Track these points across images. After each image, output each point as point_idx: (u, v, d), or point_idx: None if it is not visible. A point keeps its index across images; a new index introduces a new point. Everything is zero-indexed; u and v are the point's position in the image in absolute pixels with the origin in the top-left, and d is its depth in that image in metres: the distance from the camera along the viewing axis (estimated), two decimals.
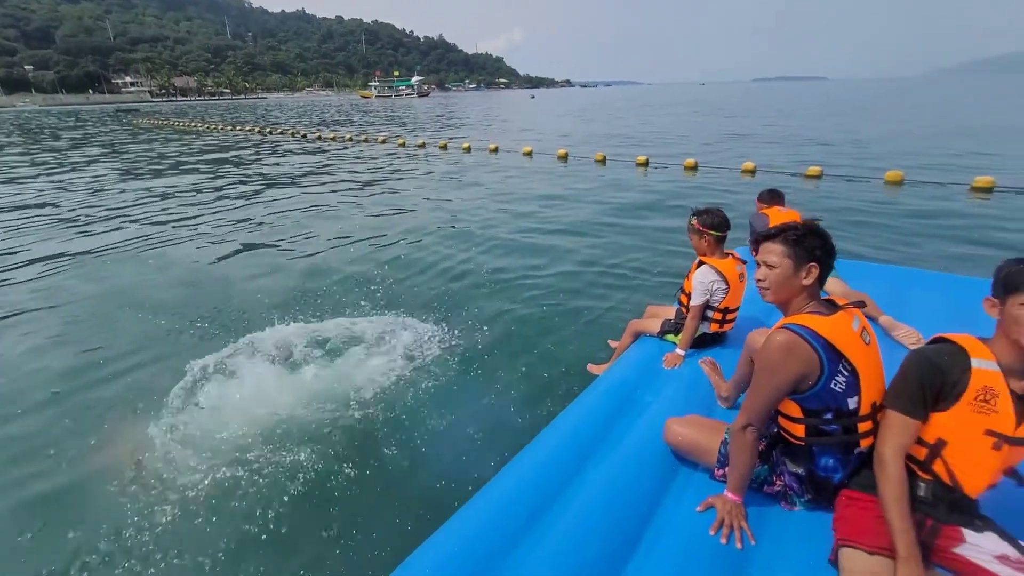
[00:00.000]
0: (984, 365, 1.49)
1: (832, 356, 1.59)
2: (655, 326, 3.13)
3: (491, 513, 1.84)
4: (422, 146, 19.03)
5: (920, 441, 1.59)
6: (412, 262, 6.41)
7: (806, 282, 1.69)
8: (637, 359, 2.97)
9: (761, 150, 15.83)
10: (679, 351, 2.85)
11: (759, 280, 1.78)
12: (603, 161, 14.07)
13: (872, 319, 3.19)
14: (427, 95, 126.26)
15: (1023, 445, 1.49)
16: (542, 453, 2.15)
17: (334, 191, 11.21)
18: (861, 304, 1.69)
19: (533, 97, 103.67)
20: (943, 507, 1.59)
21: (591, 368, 3.50)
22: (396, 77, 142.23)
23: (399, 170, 14.03)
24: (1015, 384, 1.48)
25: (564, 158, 14.89)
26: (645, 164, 13.31)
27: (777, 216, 4.16)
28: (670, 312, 3.18)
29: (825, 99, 55.09)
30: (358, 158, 16.60)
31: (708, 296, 2.76)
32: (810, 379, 1.61)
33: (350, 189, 11.42)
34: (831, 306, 1.70)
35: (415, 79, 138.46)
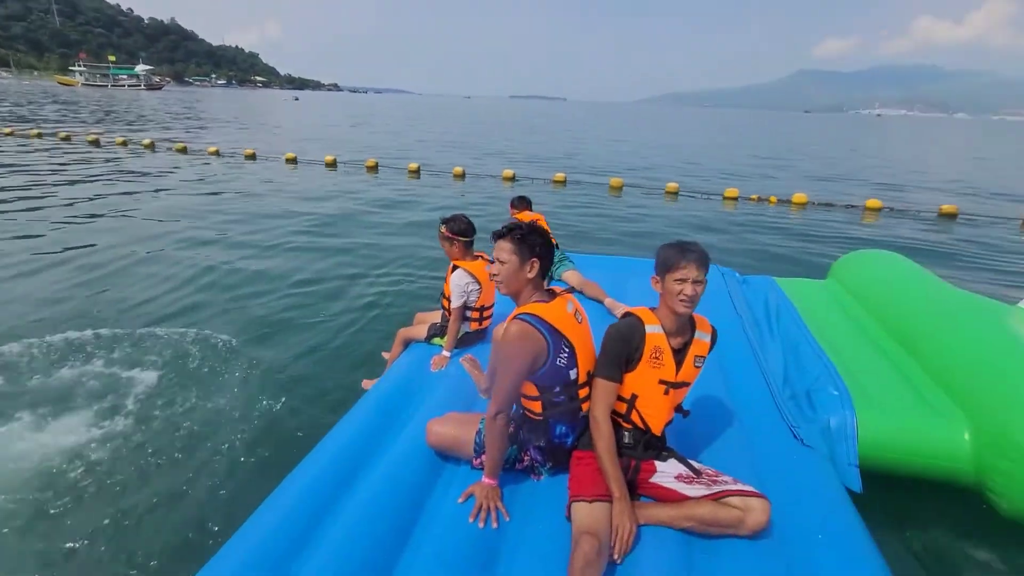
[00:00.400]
0: (653, 330, 1.91)
1: (555, 337, 1.84)
2: (423, 332, 3.20)
3: (263, 535, 1.76)
4: (150, 147, 15.84)
5: (620, 398, 1.95)
6: (142, 280, 5.34)
7: (530, 275, 1.92)
8: (406, 366, 3.00)
9: (519, 159, 17.70)
10: (445, 353, 2.97)
11: (494, 275, 1.96)
12: (375, 168, 13.86)
13: (599, 301, 3.84)
14: (160, 88, 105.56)
15: (681, 387, 1.97)
16: (313, 470, 2.09)
17: (8, 201, 8.51)
18: (571, 289, 2.00)
19: (296, 99, 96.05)
20: (641, 448, 1.99)
21: (366, 384, 3.40)
22: (113, 63, 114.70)
23: (121, 176, 11.41)
24: (673, 341, 1.93)
25: (332, 165, 14.19)
26: (417, 172, 13.57)
27: (526, 219, 4.68)
28: (437, 316, 3.29)
29: (568, 117, 64.54)
30: (60, 164, 12.89)
31: (466, 297, 2.94)
32: (540, 359, 1.84)
33: (36, 198, 8.80)
34: (551, 294, 1.97)
35: (141, 68, 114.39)
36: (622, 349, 1.90)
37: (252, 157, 15.02)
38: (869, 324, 3.64)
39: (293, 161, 14.55)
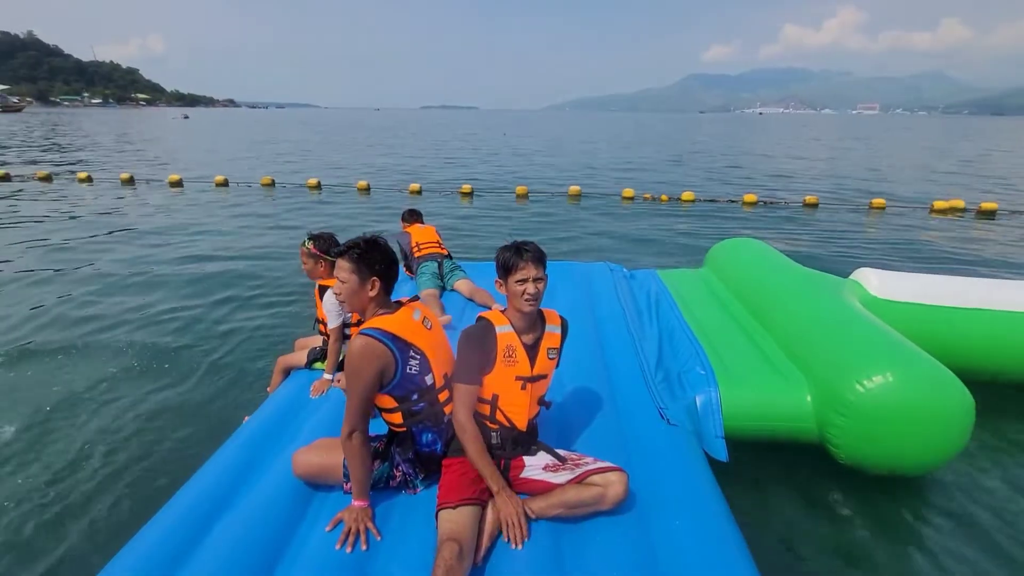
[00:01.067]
0: (504, 330, 1.97)
1: (401, 346, 1.85)
2: (303, 358, 3.08)
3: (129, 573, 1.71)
4: (5, 179, 13.97)
5: (482, 400, 2.00)
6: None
7: (372, 294, 1.91)
8: (285, 395, 2.87)
9: (430, 171, 17.61)
10: (326, 376, 2.88)
11: (336, 293, 1.94)
12: (271, 185, 13.17)
13: (488, 307, 3.89)
14: (19, 110, 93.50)
15: (538, 380, 2.04)
16: (178, 510, 1.98)
17: None
18: (416, 298, 2.03)
19: (187, 117, 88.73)
20: (509, 446, 2.05)
21: (246, 419, 3.21)
22: None
23: None
24: (525, 338, 2.00)
25: (224, 184, 13.30)
26: (318, 187, 13.07)
27: (417, 232, 4.67)
28: (318, 341, 3.18)
29: (474, 126, 65.15)
30: None
31: (343, 316, 2.87)
32: (389, 371, 1.84)
33: None
34: (397, 305, 1.98)
35: None
36: (475, 353, 1.95)
37: (130, 181, 13.72)
38: (734, 305, 3.99)
39: (178, 184, 13.47)
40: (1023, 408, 3.43)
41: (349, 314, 2.91)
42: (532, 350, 2.00)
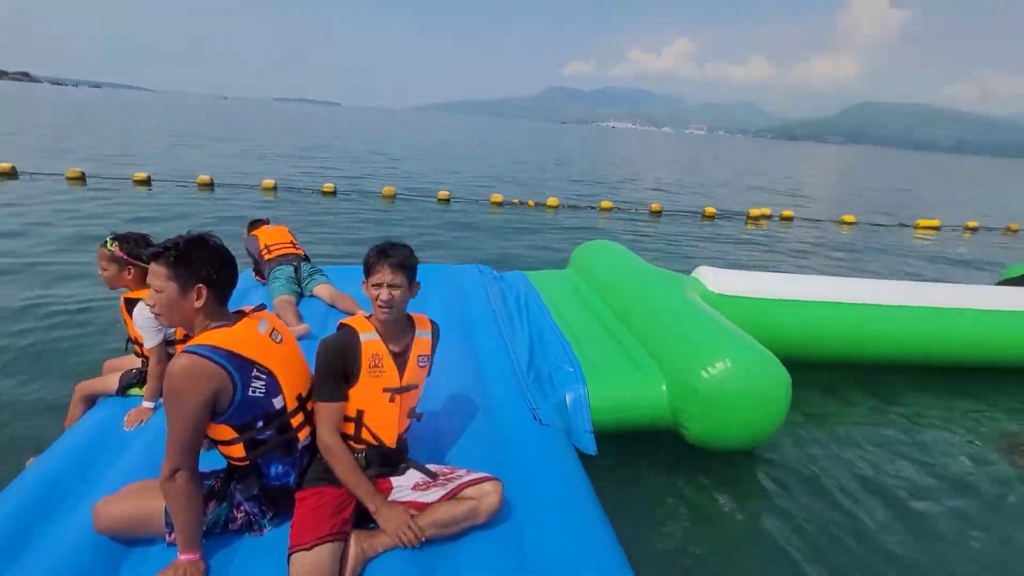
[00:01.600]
0: (369, 337, 1.79)
1: (240, 365, 1.56)
2: (114, 383, 2.53)
3: None
4: None
5: (346, 418, 1.79)
6: None
7: (198, 305, 1.58)
8: (87, 429, 2.33)
9: (282, 167, 16.14)
10: (146, 404, 2.39)
11: (150, 305, 1.58)
12: (81, 179, 10.96)
13: (352, 314, 3.60)
14: None
15: (409, 391, 1.89)
16: None
17: None
18: (262, 307, 1.75)
19: None
20: (376, 466, 1.86)
21: (31, 462, 2.54)
22: None
23: None
24: (393, 346, 1.84)
25: (11, 174, 10.74)
26: (147, 182, 11.21)
27: (265, 234, 4.16)
28: (135, 362, 2.64)
29: (339, 122, 61.82)
30: None
31: (163, 332, 2.40)
32: (225, 395, 1.54)
33: None
34: (238, 316, 1.68)
35: None
36: (337, 364, 1.74)
37: None
38: (596, 304, 4.20)
39: None
40: (823, 383, 4.08)
41: (172, 329, 2.44)
42: (401, 358, 1.85)
